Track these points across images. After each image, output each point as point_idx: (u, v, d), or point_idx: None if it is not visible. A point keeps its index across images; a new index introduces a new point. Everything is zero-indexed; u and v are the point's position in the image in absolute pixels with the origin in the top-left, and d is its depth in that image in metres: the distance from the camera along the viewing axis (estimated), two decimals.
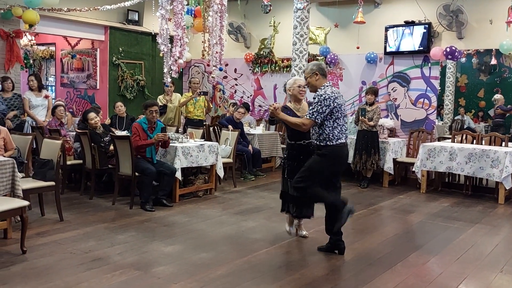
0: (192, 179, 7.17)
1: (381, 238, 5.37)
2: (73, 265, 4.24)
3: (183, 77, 11.90)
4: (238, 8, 9.76)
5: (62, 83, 11.45)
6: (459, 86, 10.66)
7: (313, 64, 4.68)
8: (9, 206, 4.38)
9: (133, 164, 6.24)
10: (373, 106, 8.16)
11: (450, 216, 6.42)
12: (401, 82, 9.07)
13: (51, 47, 11.94)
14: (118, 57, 10.52)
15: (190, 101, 8.84)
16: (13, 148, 5.66)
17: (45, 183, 5.44)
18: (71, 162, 7.10)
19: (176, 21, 6.29)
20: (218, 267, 4.31)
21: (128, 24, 10.48)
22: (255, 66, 10.88)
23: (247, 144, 8.80)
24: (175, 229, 5.46)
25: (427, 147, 7.81)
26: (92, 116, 6.90)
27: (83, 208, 6.26)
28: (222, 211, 6.40)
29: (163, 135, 6.38)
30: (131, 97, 10.64)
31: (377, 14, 9.22)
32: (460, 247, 5.11)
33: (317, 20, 9.80)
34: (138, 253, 4.59)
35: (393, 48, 8.96)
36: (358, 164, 8.21)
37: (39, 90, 8.19)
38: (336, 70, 9.78)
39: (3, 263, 4.21)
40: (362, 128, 8.14)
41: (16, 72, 8.68)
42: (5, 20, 8.38)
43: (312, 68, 4.61)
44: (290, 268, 4.38)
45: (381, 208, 6.87)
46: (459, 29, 8.36)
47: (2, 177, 4.67)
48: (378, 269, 4.38)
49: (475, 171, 7.37)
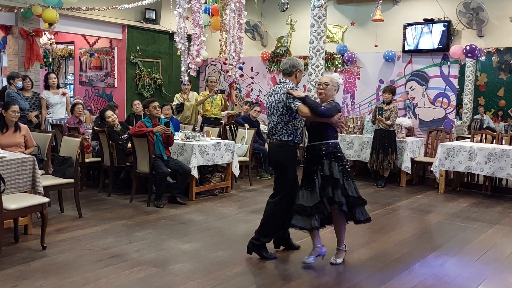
0: (208, 177, 7.20)
1: (398, 238, 5.33)
2: (92, 261, 4.29)
3: (199, 76, 11.94)
4: (254, 6, 9.75)
5: (80, 82, 11.57)
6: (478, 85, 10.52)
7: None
8: (30, 203, 4.45)
9: (151, 163, 6.28)
10: (391, 105, 8.08)
11: (469, 217, 6.34)
12: (420, 80, 8.98)
13: (70, 45, 12.07)
14: (136, 55, 10.59)
15: (207, 100, 8.87)
16: (33, 146, 5.75)
17: (65, 180, 5.51)
18: (90, 159, 7.18)
19: (194, 20, 6.30)
20: (234, 265, 4.32)
21: (146, 22, 10.54)
22: (272, 64, 10.86)
23: (263, 142, 8.80)
24: (192, 227, 5.49)
25: (446, 147, 7.72)
26: (109, 114, 6.97)
27: (101, 205, 6.32)
28: (238, 209, 6.41)
29: (164, 128, 6.38)
30: (148, 95, 10.69)
31: (395, 11, 9.14)
32: (479, 248, 5.04)
33: (334, 18, 9.75)
34: (156, 250, 4.63)
35: (412, 46, 8.87)
36: (375, 164, 8.16)
37: (57, 88, 8.28)
38: (353, 68, 9.72)
39: (24, 259, 4.28)
40: (380, 127, 8.08)
41: (36, 70, 8.80)
42: (25, 19, 8.49)
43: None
44: (307, 267, 4.36)
45: (398, 208, 6.82)
46: (479, 27, 8.24)
47: (23, 174, 4.74)
48: (395, 270, 4.34)
49: (494, 171, 7.27)
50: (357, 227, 5.61)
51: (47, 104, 8.02)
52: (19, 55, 8.59)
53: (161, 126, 6.40)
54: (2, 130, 5.55)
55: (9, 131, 5.60)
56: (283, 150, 4.47)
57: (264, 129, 9.23)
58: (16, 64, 8.61)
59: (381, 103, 8.30)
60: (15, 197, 4.48)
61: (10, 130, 5.60)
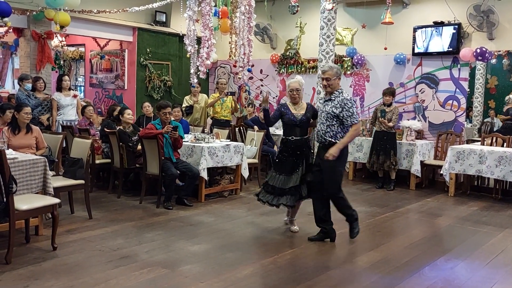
0: (217, 179, 7.22)
1: (408, 241, 5.31)
2: (102, 262, 4.32)
3: (209, 78, 11.98)
4: (264, 9, 9.78)
5: (91, 83, 11.66)
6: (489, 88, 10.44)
7: (337, 68, 5.01)
8: (41, 204, 4.49)
9: (161, 164, 6.31)
10: (391, 107, 8.15)
11: (479, 220, 6.30)
12: (430, 83, 8.95)
13: (80, 48, 12.16)
14: (146, 57, 10.65)
15: (217, 102, 8.90)
16: (44, 147, 5.79)
17: (75, 181, 5.55)
18: (100, 161, 7.22)
19: (204, 22, 6.35)
20: (244, 267, 4.33)
21: (156, 25, 10.60)
22: (281, 67, 10.87)
23: (272, 144, 8.81)
24: (201, 229, 5.51)
25: (456, 150, 7.69)
26: (129, 111, 7.15)
27: (111, 206, 6.36)
28: (248, 211, 6.43)
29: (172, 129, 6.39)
30: (158, 97, 10.75)
31: (405, 14, 9.12)
32: (489, 252, 5.01)
33: (344, 21, 9.75)
34: (165, 252, 4.65)
35: (421, 49, 8.85)
36: (375, 164, 8.22)
37: (68, 90, 8.35)
38: (363, 71, 9.71)
39: (35, 259, 4.32)
40: (381, 129, 8.11)
41: (47, 72, 8.88)
42: (37, 21, 8.58)
43: (337, 72, 4.95)
44: (316, 269, 4.37)
45: (408, 211, 6.79)
46: (490, 29, 8.20)
47: (35, 175, 4.78)
48: (405, 273, 4.33)
49: (505, 174, 7.22)
50: (367, 231, 5.63)
51: (58, 106, 8.08)
52: (31, 57, 8.67)
53: (168, 126, 6.42)
54: (14, 131, 5.61)
55: (21, 133, 5.65)
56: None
57: (273, 131, 9.25)
58: (28, 66, 8.69)
59: (381, 105, 8.31)
60: (26, 198, 4.53)
61: (22, 131, 5.65)
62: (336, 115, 4.89)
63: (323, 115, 5.01)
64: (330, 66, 5.07)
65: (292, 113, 5.23)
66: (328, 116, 4.93)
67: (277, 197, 5.27)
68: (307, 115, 5.25)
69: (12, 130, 5.61)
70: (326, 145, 4.95)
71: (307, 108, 5.30)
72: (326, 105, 4.99)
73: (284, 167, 5.26)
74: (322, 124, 5.01)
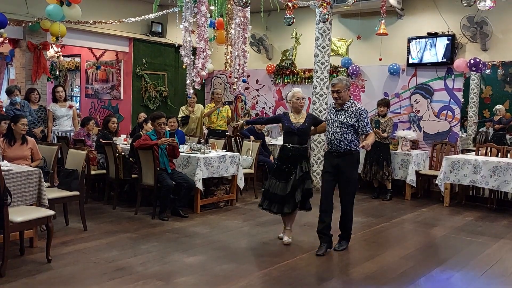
0: (213, 189, 7.21)
1: (403, 252, 5.31)
2: (97, 274, 4.30)
3: (205, 88, 12.00)
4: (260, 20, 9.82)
5: (86, 94, 11.66)
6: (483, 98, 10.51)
7: (346, 79, 5.18)
8: (35, 215, 4.48)
9: (156, 175, 6.31)
10: (386, 118, 8.22)
11: (474, 231, 6.31)
12: (424, 93, 9.00)
13: (76, 58, 12.18)
14: (142, 68, 10.67)
15: (213, 112, 8.91)
16: (39, 159, 5.78)
17: (70, 193, 5.54)
18: (95, 172, 7.20)
19: (199, 34, 6.37)
20: (239, 278, 4.32)
21: (152, 36, 10.63)
22: (277, 77, 10.91)
23: (268, 154, 8.82)
24: (196, 240, 5.49)
25: (451, 160, 7.72)
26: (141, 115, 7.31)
27: (106, 217, 6.34)
28: (243, 222, 6.42)
29: (168, 140, 6.40)
30: (154, 107, 10.75)
31: (399, 25, 9.19)
32: (485, 262, 5.02)
33: (339, 32, 9.81)
34: (161, 264, 4.63)
35: (416, 59, 8.91)
36: (368, 174, 8.26)
37: (64, 101, 8.33)
38: (358, 81, 9.75)
39: (29, 271, 4.29)
40: (375, 139, 8.13)
41: (43, 83, 8.88)
42: (33, 32, 8.59)
43: (347, 84, 5.14)
44: (311, 281, 4.36)
45: (403, 221, 6.80)
46: (484, 40, 8.27)
47: (29, 187, 4.77)
48: (400, 284, 4.33)
49: (500, 184, 7.24)
50: (362, 242, 5.63)
51: (54, 117, 8.07)
52: (26, 68, 8.68)
53: (166, 138, 6.43)
54: (10, 142, 5.60)
55: (16, 144, 5.64)
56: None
57: (269, 141, 9.27)
58: (23, 77, 8.69)
59: (376, 115, 8.35)
60: (21, 209, 4.51)
61: (17, 143, 5.65)
62: (351, 125, 5.07)
63: (335, 124, 5.14)
64: (340, 78, 5.21)
65: (291, 121, 5.39)
66: (342, 125, 5.10)
67: (278, 205, 5.33)
68: (306, 124, 5.38)
69: (8, 142, 5.60)
70: (341, 153, 5.11)
71: (306, 117, 5.46)
72: (339, 115, 5.14)
73: (281, 174, 5.36)
74: (335, 133, 5.13)
